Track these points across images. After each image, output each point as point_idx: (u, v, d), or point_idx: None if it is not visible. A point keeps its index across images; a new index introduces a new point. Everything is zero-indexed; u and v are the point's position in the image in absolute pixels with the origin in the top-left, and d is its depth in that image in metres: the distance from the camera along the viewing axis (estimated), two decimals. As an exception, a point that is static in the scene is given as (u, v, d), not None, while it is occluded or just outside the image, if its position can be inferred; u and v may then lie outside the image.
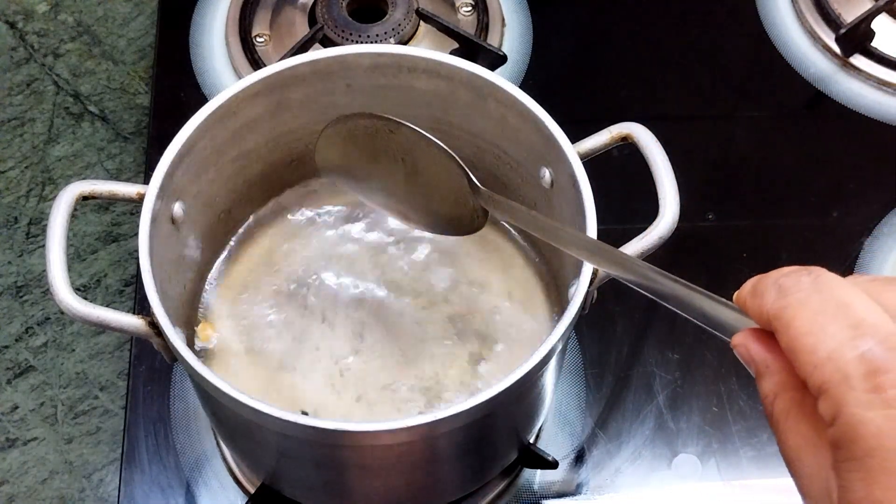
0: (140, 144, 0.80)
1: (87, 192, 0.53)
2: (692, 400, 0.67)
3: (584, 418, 0.66)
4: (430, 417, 0.46)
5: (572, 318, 0.49)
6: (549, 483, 0.64)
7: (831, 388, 0.31)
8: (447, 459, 0.55)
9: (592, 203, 0.52)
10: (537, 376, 0.50)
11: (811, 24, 0.83)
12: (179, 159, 0.54)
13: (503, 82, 0.56)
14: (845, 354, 0.31)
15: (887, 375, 0.31)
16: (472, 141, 0.61)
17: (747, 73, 0.83)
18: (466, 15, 0.82)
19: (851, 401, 0.31)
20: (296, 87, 0.58)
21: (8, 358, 0.71)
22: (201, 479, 0.64)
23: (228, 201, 0.61)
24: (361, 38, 0.78)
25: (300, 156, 0.63)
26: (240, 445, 0.58)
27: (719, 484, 0.64)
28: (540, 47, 0.82)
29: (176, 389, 0.66)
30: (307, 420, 0.47)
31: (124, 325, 0.51)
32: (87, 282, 0.74)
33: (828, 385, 0.32)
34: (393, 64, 0.58)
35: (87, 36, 0.86)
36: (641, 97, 0.81)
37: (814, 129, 0.81)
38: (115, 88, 0.83)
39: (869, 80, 0.81)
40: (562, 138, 0.54)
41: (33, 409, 0.69)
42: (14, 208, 0.77)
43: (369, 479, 0.55)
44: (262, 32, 0.81)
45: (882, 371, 0.31)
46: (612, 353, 0.69)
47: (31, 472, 0.67)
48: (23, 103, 0.82)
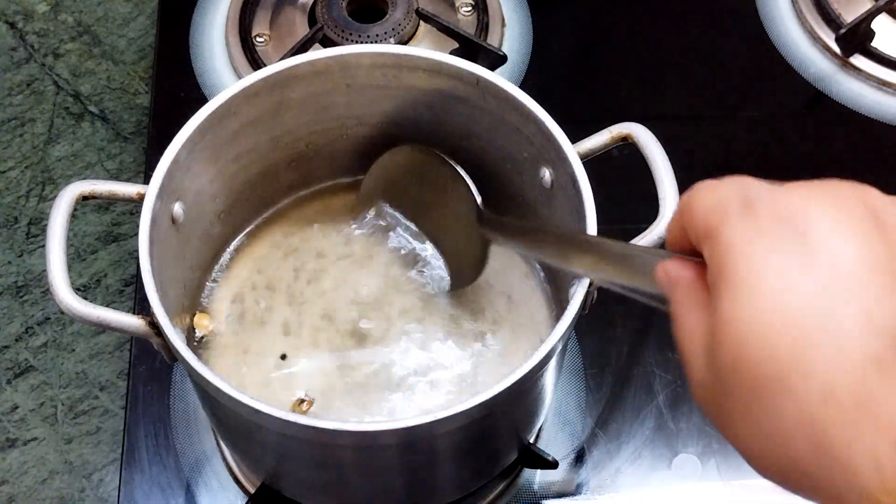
0: (140, 144, 0.80)
1: (87, 192, 0.53)
2: (692, 400, 0.67)
3: (584, 418, 0.66)
4: (430, 417, 0.46)
5: (572, 318, 0.49)
6: (549, 483, 0.64)
7: (713, 227, 0.34)
8: (447, 459, 0.55)
9: (592, 203, 0.52)
10: (537, 376, 0.50)
11: (811, 24, 0.83)
12: (179, 159, 0.54)
13: (503, 82, 0.56)
14: (729, 197, 0.34)
15: (760, 202, 0.33)
16: (472, 141, 0.61)
17: (747, 73, 0.83)
18: (466, 15, 0.82)
19: (728, 228, 0.33)
20: (296, 87, 0.58)
21: (8, 358, 0.71)
22: (201, 479, 0.64)
23: (228, 201, 0.61)
24: (361, 38, 0.78)
25: (300, 156, 0.63)
26: (240, 445, 0.58)
27: (719, 484, 0.64)
28: (540, 47, 0.82)
29: (176, 389, 0.66)
30: (307, 420, 0.47)
31: (124, 325, 0.51)
32: (87, 282, 0.74)
33: (711, 225, 0.34)
34: (393, 64, 0.58)
35: (87, 36, 0.86)
36: (641, 97, 0.81)
37: (814, 129, 0.80)
38: (115, 88, 0.83)
39: (869, 80, 0.81)
40: (562, 138, 0.54)
41: (33, 409, 0.69)
42: (14, 208, 0.77)
43: (369, 479, 0.55)
44: (262, 32, 0.81)
45: (757, 199, 0.33)
46: (612, 353, 0.69)
47: (31, 472, 0.67)
48: (23, 103, 0.82)
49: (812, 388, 0.30)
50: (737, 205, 0.33)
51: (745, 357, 0.31)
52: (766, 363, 0.31)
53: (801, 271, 0.31)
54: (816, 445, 0.30)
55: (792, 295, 0.31)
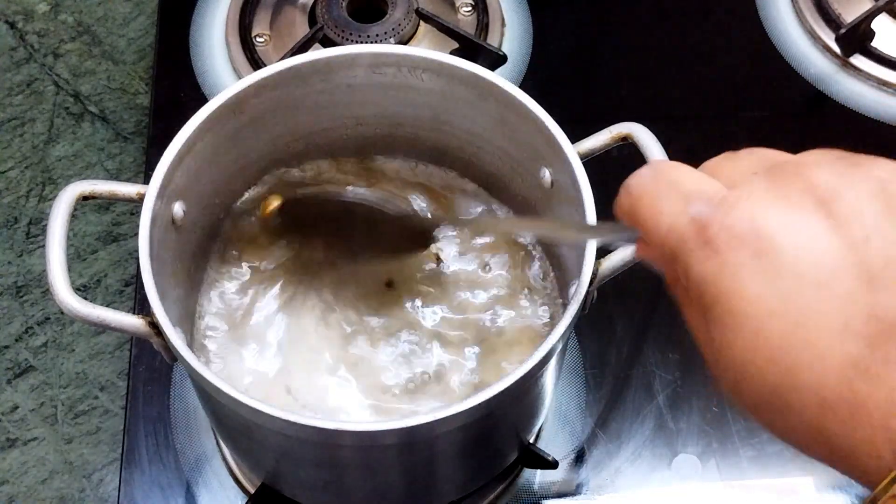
0: (140, 144, 0.80)
1: (87, 192, 0.53)
2: (692, 400, 0.67)
3: (584, 418, 0.66)
4: (430, 417, 0.46)
5: (572, 318, 0.49)
6: (549, 483, 0.64)
7: (678, 256, 0.34)
8: (447, 459, 0.55)
9: (592, 203, 0.52)
10: (537, 376, 0.50)
11: (811, 24, 0.83)
12: (179, 159, 0.54)
13: (503, 82, 0.56)
14: (679, 222, 0.34)
15: (712, 227, 0.33)
16: (471, 141, 0.61)
17: (747, 73, 0.83)
18: (466, 15, 0.82)
19: (693, 261, 0.33)
20: (296, 86, 0.58)
21: (8, 358, 0.71)
22: (201, 479, 0.64)
23: (228, 201, 0.61)
24: (361, 38, 0.78)
25: (300, 156, 0.63)
26: (240, 445, 0.58)
27: (719, 484, 0.64)
28: (540, 47, 0.82)
29: (176, 389, 0.66)
30: (307, 420, 0.47)
31: (124, 325, 0.51)
32: (87, 282, 0.74)
33: (675, 253, 0.34)
34: (393, 64, 0.58)
35: (87, 36, 0.86)
36: (641, 97, 0.81)
37: (814, 129, 0.80)
38: (115, 88, 0.83)
39: (869, 80, 0.81)
40: (562, 138, 0.54)
41: (33, 409, 0.69)
42: (14, 208, 0.77)
43: (369, 479, 0.55)
44: (262, 32, 0.81)
45: (709, 225, 0.33)
46: (612, 353, 0.69)
47: (31, 472, 0.67)
48: (23, 103, 0.82)
49: (808, 402, 0.31)
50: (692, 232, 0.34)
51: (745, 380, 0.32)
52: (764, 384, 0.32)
53: (771, 291, 0.31)
54: (830, 451, 0.31)
55: (771, 319, 0.31)
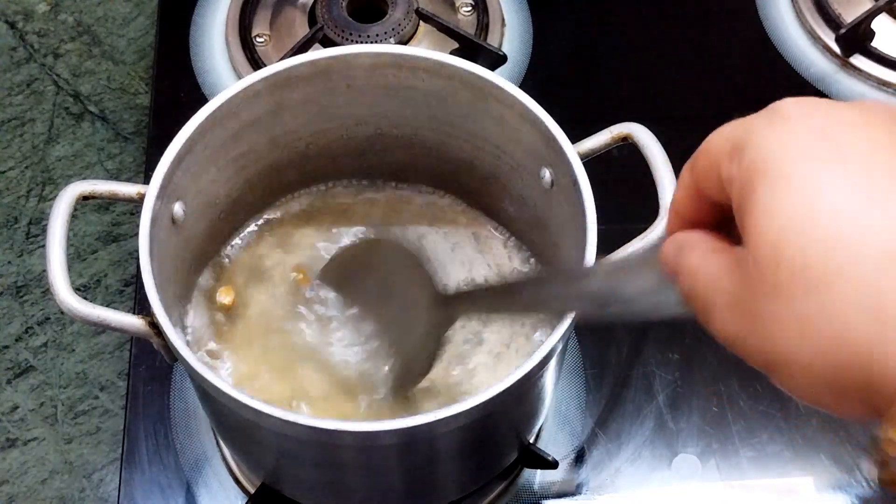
0: (140, 144, 0.80)
1: (87, 192, 0.53)
2: (692, 400, 0.67)
3: (584, 418, 0.66)
4: (430, 417, 0.46)
5: (572, 318, 0.49)
6: (549, 483, 0.64)
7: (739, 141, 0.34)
8: (447, 459, 0.55)
9: (592, 203, 0.52)
10: (537, 376, 0.50)
11: (811, 24, 0.83)
12: (179, 159, 0.54)
13: (503, 82, 0.56)
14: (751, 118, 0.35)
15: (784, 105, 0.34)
16: (471, 141, 0.61)
17: (747, 73, 0.83)
18: (466, 15, 0.82)
19: (756, 136, 0.33)
20: (296, 87, 0.58)
21: (8, 358, 0.71)
22: (201, 479, 0.64)
23: (228, 201, 0.61)
24: (361, 38, 0.78)
25: (300, 156, 0.63)
26: (240, 445, 0.58)
27: (719, 484, 0.64)
28: (540, 47, 0.82)
29: (176, 389, 0.66)
30: (307, 420, 0.47)
31: (124, 325, 0.51)
32: (87, 282, 0.74)
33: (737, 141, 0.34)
34: (393, 64, 0.58)
35: (87, 36, 0.86)
36: (641, 97, 0.81)
37: (814, 129, 0.80)
38: (115, 88, 0.83)
39: (869, 80, 0.81)
40: (562, 138, 0.54)
41: (33, 409, 0.69)
42: (14, 208, 0.77)
43: (369, 479, 0.55)
44: (262, 32, 0.81)
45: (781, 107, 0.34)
46: (612, 353, 0.69)
47: (31, 472, 0.67)
48: (23, 103, 0.82)
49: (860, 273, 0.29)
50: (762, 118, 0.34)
51: (789, 247, 0.30)
52: (812, 249, 0.30)
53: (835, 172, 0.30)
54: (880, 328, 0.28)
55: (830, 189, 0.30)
